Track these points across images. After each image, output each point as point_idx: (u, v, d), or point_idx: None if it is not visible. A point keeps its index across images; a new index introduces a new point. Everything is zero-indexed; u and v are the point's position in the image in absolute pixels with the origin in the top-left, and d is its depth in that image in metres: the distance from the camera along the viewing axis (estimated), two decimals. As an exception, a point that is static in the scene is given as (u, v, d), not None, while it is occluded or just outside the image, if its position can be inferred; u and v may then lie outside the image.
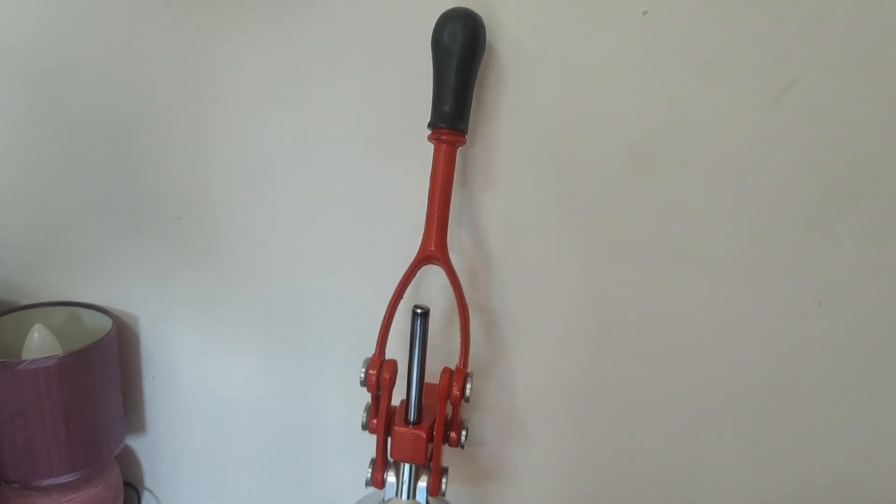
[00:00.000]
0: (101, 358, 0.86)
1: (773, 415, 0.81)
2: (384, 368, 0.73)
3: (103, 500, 0.91)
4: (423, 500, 0.76)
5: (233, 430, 0.97)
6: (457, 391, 0.72)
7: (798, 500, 0.85)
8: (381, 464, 0.75)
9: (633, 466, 0.87)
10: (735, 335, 0.79)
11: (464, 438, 0.75)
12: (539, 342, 0.84)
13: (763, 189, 0.74)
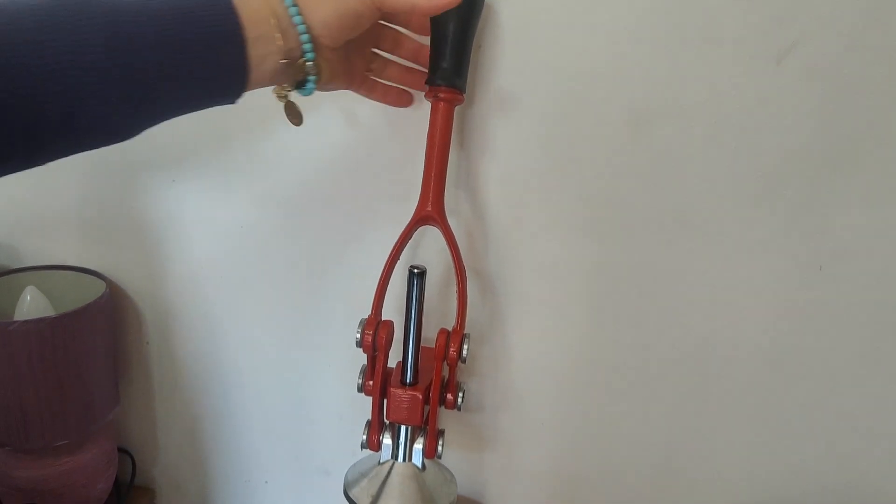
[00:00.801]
0: (95, 321, 0.85)
1: (775, 382, 0.81)
2: (380, 329, 0.72)
3: (97, 464, 0.91)
4: (419, 463, 0.75)
5: (227, 397, 0.97)
6: (454, 352, 0.71)
7: (801, 471, 0.85)
8: (377, 426, 0.75)
9: (631, 435, 0.87)
10: (736, 301, 0.78)
11: (460, 400, 0.74)
12: (537, 308, 0.84)
13: (764, 151, 0.73)
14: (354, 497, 0.74)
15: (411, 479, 0.75)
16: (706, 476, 0.87)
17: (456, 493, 0.76)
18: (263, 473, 1.00)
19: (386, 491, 0.74)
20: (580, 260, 0.81)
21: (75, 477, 0.89)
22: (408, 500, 0.73)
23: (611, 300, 0.82)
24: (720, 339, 0.80)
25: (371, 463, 0.77)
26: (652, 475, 0.88)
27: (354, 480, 0.76)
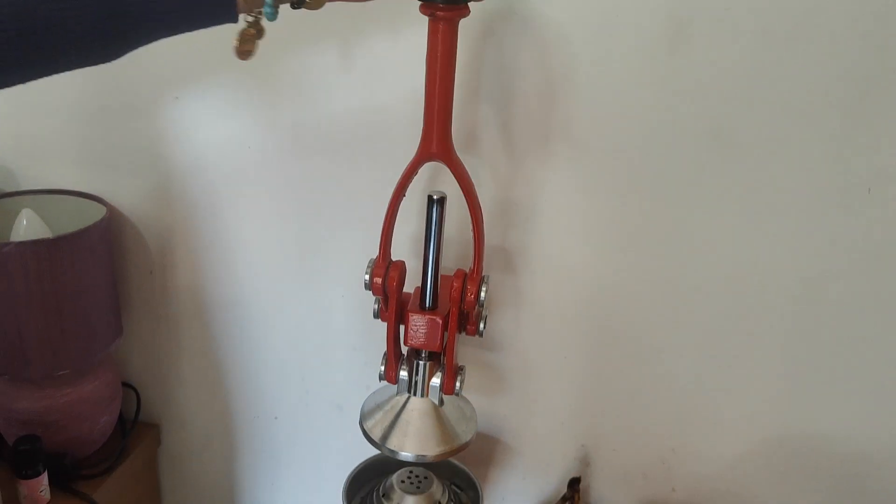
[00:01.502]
0: (94, 245, 0.81)
1: (812, 314, 0.76)
2: (391, 271, 0.67)
3: (100, 396, 0.87)
4: (436, 399, 0.72)
5: (235, 329, 0.93)
6: (471, 296, 0.66)
7: (832, 407, 0.81)
8: (394, 359, 0.71)
9: (658, 369, 0.83)
10: (775, 227, 0.73)
11: (482, 327, 0.70)
12: (563, 237, 0.79)
13: (810, 63, 0.67)
14: (368, 430, 0.71)
15: (428, 414, 0.71)
16: (733, 411, 0.83)
17: (475, 430, 0.72)
18: (273, 409, 0.96)
19: (399, 426, 0.70)
20: (610, 186, 0.75)
21: (78, 409, 0.85)
22: (423, 437, 0.69)
23: (641, 228, 0.77)
24: (756, 268, 0.76)
25: (388, 395, 0.73)
26: (677, 409, 0.84)
27: (370, 412, 0.73)
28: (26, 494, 0.82)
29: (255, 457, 0.99)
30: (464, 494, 0.82)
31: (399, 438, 0.69)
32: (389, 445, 0.68)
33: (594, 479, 0.90)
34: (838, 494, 0.84)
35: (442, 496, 0.77)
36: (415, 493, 0.75)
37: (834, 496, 0.85)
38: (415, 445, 0.68)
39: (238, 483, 1.02)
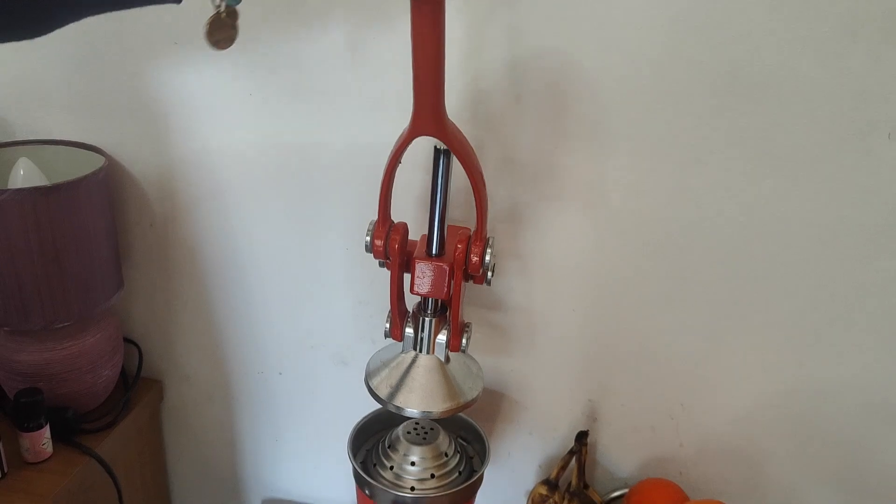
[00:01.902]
0: (92, 195, 0.79)
1: (829, 262, 0.75)
2: (392, 233, 0.66)
3: (101, 350, 0.86)
4: (442, 356, 0.70)
5: (238, 284, 0.91)
6: (475, 258, 0.65)
7: (849, 360, 0.79)
8: (398, 316, 0.70)
9: (667, 321, 0.81)
10: (792, 170, 0.71)
11: (490, 275, 0.68)
12: (573, 188, 0.77)
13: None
14: (374, 387, 0.70)
15: (434, 371, 0.70)
16: (743, 364, 0.82)
17: (481, 387, 0.71)
18: (277, 364, 0.95)
19: (406, 383, 0.69)
20: (621, 133, 0.73)
21: (79, 362, 0.84)
22: (429, 393, 0.68)
23: (652, 176, 0.75)
24: (769, 215, 0.74)
25: (394, 352, 0.72)
26: (686, 364, 0.83)
27: (376, 369, 0.72)
28: (28, 447, 0.81)
29: (259, 412, 0.98)
30: (470, 447, 0.81)
31: (405, 395, 0.68)
32: (395, 402, 0.68)
33: (601, 434, 0.90)
34: (848, 448, 0.84)
35: (448, 447, 0.76)
36: (421, 443, 0.75)
37: (843, 450, 0.84)
38: (420, 402, 0.68)
39: (242, 438, 1.01)
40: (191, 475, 1.05)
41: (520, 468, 0.94)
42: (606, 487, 0.91)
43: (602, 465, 0.91)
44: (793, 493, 0.88)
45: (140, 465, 0.97)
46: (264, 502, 1.06)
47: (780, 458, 0.86)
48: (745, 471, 0.88)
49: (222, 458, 1.03)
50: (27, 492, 0.78)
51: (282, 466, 1.02)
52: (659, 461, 0.89)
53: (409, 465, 0.73)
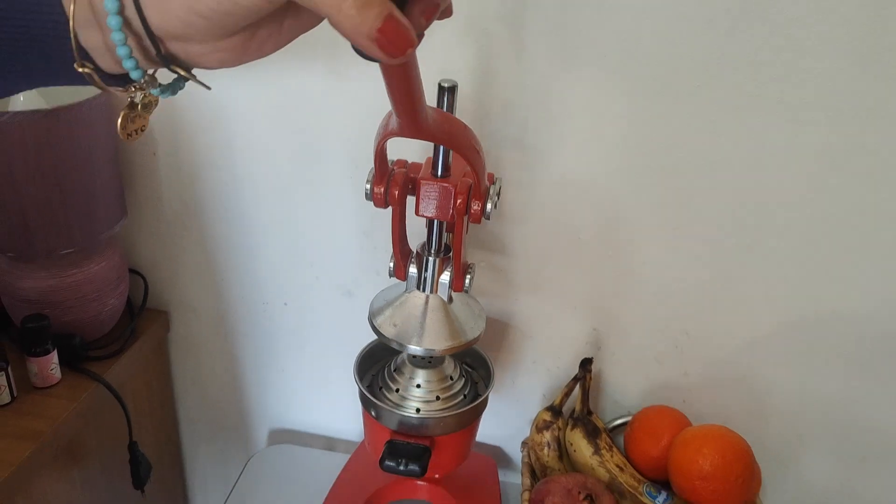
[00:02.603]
0: (94, 120, 0.78)
1: (840, 187, 0.74)
2: (391, 186, 0.65)
3: (106, 279, 0.86)
4: (445, 296, 0.70)
5: (243, 214, 0.90)
6: (477, 208, 0.64)
7: (857, 287, 0.79)
8: (401, 256, 0.70)
9: (678, 249, 0.81)
10: (801, 94, 0.70)
11: (491, 207, 0.67)
12: (580, 112, 0.76)
13: None
14: (378, 326, 0.70)
15: (437, 310, 0.70)
16: (751, 292, 0.82)
17: (483, 327, 0.72)
18: (282, 295, 0.95)
19: (409, 321, 0.69)
20: (628, 56, 0.72)
21: (84, 290, 0.84)
22: (432, 332, 0.69)
23: (661, 104, 0.74)
24: (779, 138, 0.73)
25: (397, 291, 0.72)
26: (693, 291, 0.83)
27: (379, 309, 0.72)
28: (37, 372, 0.81)
29: (265, 342, 0.99)
30: (475, 373, 0.82)
31: (408, 333, 0.68)
32: (398, 340, 0.68)
33: (605, 363, 0.90)
34: (856, 377, 0.84)
35: (453, 371, 0.76)
36: (426, 367, 0.75)
37: (851, 378, 0.84)
38: (423, 340, 0.68)
39: (248, 369, 1.02)
40: (198, 406, 1.07)
41: (524, 397, 0.95)
42: (610, 415, 0.92)
43: (606, 393, 0.92)
44: (796, 423, 0.89)
45: (148, 395, 0.98)
46: (272, 433, 1.07)
47: (784, 388, 0.86)
48: (748, 400, 0.88)
49: (229, 390, 1.04)
50: (36, 415, 0.79)
51: (288, 397, 1.03)
52: (663, 389, 0.90)
53: (415, 387, 0.74)
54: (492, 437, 0.99)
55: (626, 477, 0.80)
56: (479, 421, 0.78)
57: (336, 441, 1.05)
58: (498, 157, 0.79)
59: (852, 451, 0.89)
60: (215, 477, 1.13)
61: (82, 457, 0.85)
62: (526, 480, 0.84)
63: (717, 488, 0.73)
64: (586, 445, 0.82)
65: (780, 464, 0.91)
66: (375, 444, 0.76)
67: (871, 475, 0.90)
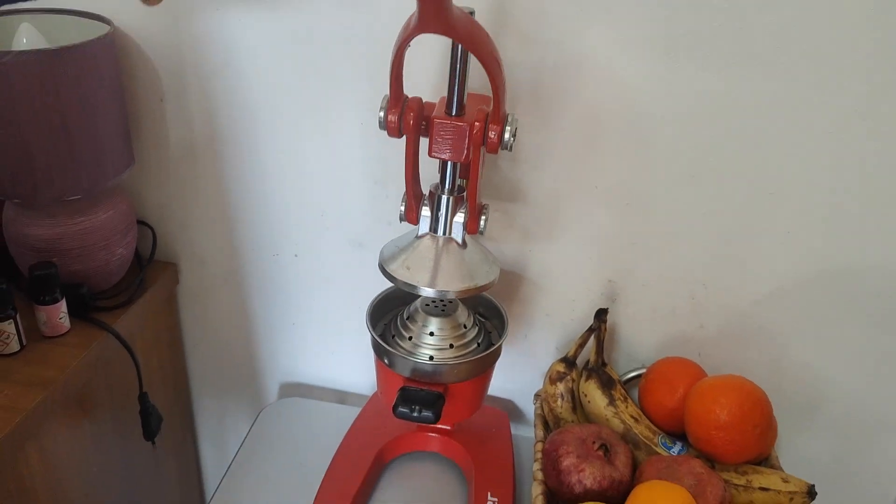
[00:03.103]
0: (98, 61, 0.76)
1: (864, 138, 0.72)
2: (407, 108, 0.62)
3: (114, 228, 0.85)
4: (459, 238, 0.69)
5: (253, 163, 0.89)
6: (494, 136, 0.62)
7: (858, 249, 0.77)
8: (414, 198, 0.68)
9: (689, 201, 0.79)
10: (824, 42, 0.67)
11: (509, 136, 0.65)
12: (599, 54, 0.73)
13: None
14: (392, 272, 0.68)
15: (451, 252, 0.68)
16: (771, 243, 0.80)
17: (498, 273, 0.70)
18: (293, 246, 0.94)
19: (422, 263, 0.68)
20: None
21: (92, 238, 0.83)
22: (446, 274, 0.67)
23: (680, 42, 0.71)
24: (806, 89, 0.71)
25: (409, 238, 0.71)
26: (712, 242, 0.81)
27: (391, 255, 0.70)
28: (46, 321, 0.81)
29: (276, 294, 0.98)
30: (488, 322, 0.81)
31: (421, 275, 0.67)
32: (411, 281, 0.67)
33: (620, 315, 0.89)
34: (876, 330, 0.82)
35: (467, 320, 0.75)
36: (439, 315, 0.74)
37: (870, 330, 0.83)
38: (437, 282, 0.66)
39: (258, 321, 1.01)
40: (208, 359, 1.06)
41: (537, 350, 0.94)
42: (624, 368, 0.91)
43: (620, 346, 0.90)
44: (814, 377, 0.87)
45: (157, 347, 0.98)
46: (282, 386, 1.06)
47: (804, 339, 0.85)
48: (766, 353, 0.87)
49: (239, 342, 1.03)
50: (46, 364, 0.78)
51: (299, 350, 1.02)
52: (678, 342, 0.88)
53: (428, 335, 0.73)
54: (504, 391, 0.98)
55: (641, 428, 0.79)
56: (493, 370, 0.77)
57: (347, 394, 1.04)
58: (513, 98, 0.77)
59: (872, 407, 0.88)
60: (226, 430, 1.13)
61: (92, 407, 0.85)
62: (539, 432, 0.83)
63: (733, 438, 0.72)
64: (601, 396, 0.81)
65: (796, 418, 0.90)
66: (388, 391, 0.75)
67: (888, 434, 0.89)
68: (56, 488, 0.81)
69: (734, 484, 0.73)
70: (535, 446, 0.80)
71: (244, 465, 0.90)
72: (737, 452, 0.73)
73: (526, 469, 0.88)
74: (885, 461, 0.91)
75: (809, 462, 0.92)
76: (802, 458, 0.92)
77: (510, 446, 0.88)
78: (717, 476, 0.70)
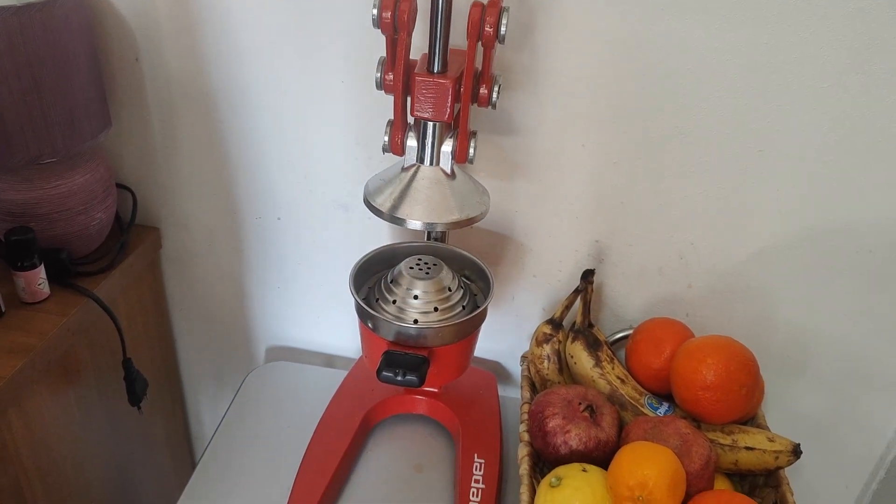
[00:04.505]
0: (70, 19, 0.74)
1: (851, 95, 0.70)
2: (401, 2, 0.60)
3: (92, 191, 0.83)
4: (447, 167, 0.67)
5: (234, 123, 0.87)
6: (489, 28, 0.59)
7: (859, 198, 0.76)
8: (400, 124, 0.65)
9: (682, 159, 0.78)
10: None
11: (496, 95, 0.64)
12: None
13: None
14: (378, 205, 0.66)
15: (439, 183, 0.66)
16: (758, 202, 0.79)
17: (489, 204, 0.68)
18: (276, 209, 0.92)
19: (410, 195, 0.65)
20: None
21: (69, 202, 0.81)
22: (434, 205, 0.65)
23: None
24: (794, 46, 0.69)
25: (395, 171, 0.69)
26: (699, 201, 0.81)
27: (376, 188, 0.68)
28: (24, 287, 0.79)
29: (260, 258, 0.97)
30: (473, 285, 0.80)
31: (408, 207, 0.64)
32: (398, 214, 0.64)
33: (607, 276, 0.88)
34: (864, 289, 0.82)
35: (451, 282, 0.74)
36: (424, 278, 0.73)
37: (859, 290, 0.82)
38: (425, 213, 0.64)
39: (243, 286, 1.00)
40: (194, 324, 1.05)
41: (524, 312, 0.93)
42: (611, 329, 0.90)
43: (607, 306, 0.90)
44: (802, 336, 0.87)
45: (142, 312, 0.97)
46: (269, 350, 1.06)
47: (792, 299, 0.85)
48: (753, 313, 0.86)
49: (225, 307, 1.02)
50: (26, 330, 0.77)
51: (286, 314, 1.01)
52: (666, 302, 0.88)
53: (413, 298, 0.72)
54: (491, 352, 0.98)
55: (628, 389, 0.79)
56: (478, 333, 0.76)
57: (334, 358, 1.04)
58: (499, 58, 0.75)
59: (857, 367, 0.88)
60: (213, 394, 1.13)
61: (76, 373, 0.84)
62: (525, 394, 0.83)
63: (720, 398, 0.72)
64: (587, 357, 0.80)
65: (783, 378, 0.90)
66: (373, 355, 0.74)
67: (875, 392, 0.89)
68: (41, 455, 0.80)
69: (720, 444, 0.73)
70: (522, 407, 0.80)
71: (232, 429, 0.89)
72: (723, 413, 0.73)
73: (513, 430, 0.88)
74: (870, 417, 0.92)
75: (796, 418, 0.93)
76: (790, 415, 0.92)
77: (497, 408, 0.88)
78: (702, 436, 0.70)
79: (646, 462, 0.64)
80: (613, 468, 0.66)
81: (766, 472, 0.73)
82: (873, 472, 0.96)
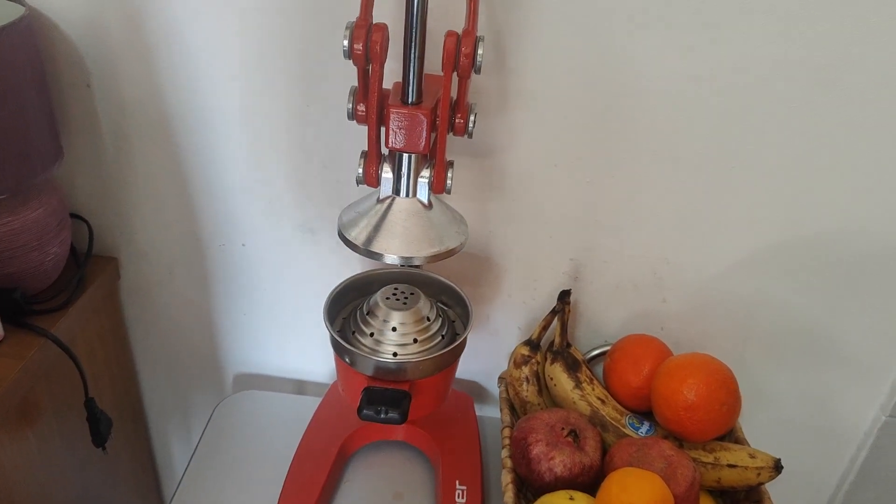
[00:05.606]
0: (17, 49, 0.69)
1: (822, 109, 0.71)
2: (373, 33, 0.58)
3: (46, 226, 0.79)
4: (425, 198, 0.65)
5: (194, 148, 0.83)
6: (465, 58, 0.58)
7: (834, 209, 0.77)
8: (375, 156, 0.63)
9: (658, 174, 0.78)
10: (786, 14, 0.66)
11: (472, 125, 0.63)
12: (551, 21, 0.70)
13: None
14: (353, 239, 0.64)
15: (416, 215, 0.64)
16: (732, 216, 0.80)
17: (467, 234, 0.67)
18: (240, 235, 0.89)
19: (386, 227, 0.63)
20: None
21: (22, 238, 0.77)
22: (412, 238, 0.63)
23: (647, 7, 0.68)
24: (764, 56, 0.69)
25: (369, 202, 0.67)
26: (673, 217, 0.80)
27: (351, 221, 0.66)
28: (-24, 331, 0.75)
29: (225, 286, 0.93)
30: (451, 311, 0.78)
31: (385, 241, 0.62)
32: (374, 248, 0.62)
33: (583, 293, 0.87)
34: (836, 297, 0.83)
35: (430, 312, 0.72)
36: (401, 308, 0.71)
37: (831, 299, 0.83)
38: (403, 247, 0.62)
39: (208, 314, 0.96)
40: (157, 355, 1.01)
41: (500, 330, 0.92)
42: (587, 345, 0.90)
43: (584, 322, 0.89)
44: (775, 345, 0.88)
45: (102, 347, 0.93)
46: (236, 377, 1.03)
47: (767, 311, 0.85)
48: (728, 324, 0.87)
49: (189, 336, 0.99)
50: (-19, 377, 0.73)
51: (253, 341, 0.98)
52: (641, 318, 0.88)
53: (391, 330, 0.70)
54: (468, 372, 0.97)
55: (609, 409, 0.79)
56: (458, 362, 0.75)
57: (305, 384, 1.01)
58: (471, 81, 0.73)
59: (832, 372, 0.89)
60: (181, 427, 1.09)
61: (36, 417, 0.80)
62: (505, 417, 0.81)
63: (701, 417, 0.72)
64: (567, 380, 0.80)
65: (758, 386, 0.91)
66: (351, 391, 0.72)
67: (849, 395, 0.91)
68: (2, 501, 0.76)
69: (703, 462, 0.73)
70: (503, 431, 0.79)
71: (203, 463, 0.86)
72: (705, 430, 0.73)
73: (493, 452, 0.87)
74: (843, 421, 0.93)
75: (773, 427, 0.94)
76: (766, 425, 0.93)
77: (476, 431, 0.87)
78: (686, 457, 0.70)
79: (635, 490, 0.64)
80: (602, 497, 0.66)
81: (749, 488, 0.73)
82: (843, 475, 0.98)
